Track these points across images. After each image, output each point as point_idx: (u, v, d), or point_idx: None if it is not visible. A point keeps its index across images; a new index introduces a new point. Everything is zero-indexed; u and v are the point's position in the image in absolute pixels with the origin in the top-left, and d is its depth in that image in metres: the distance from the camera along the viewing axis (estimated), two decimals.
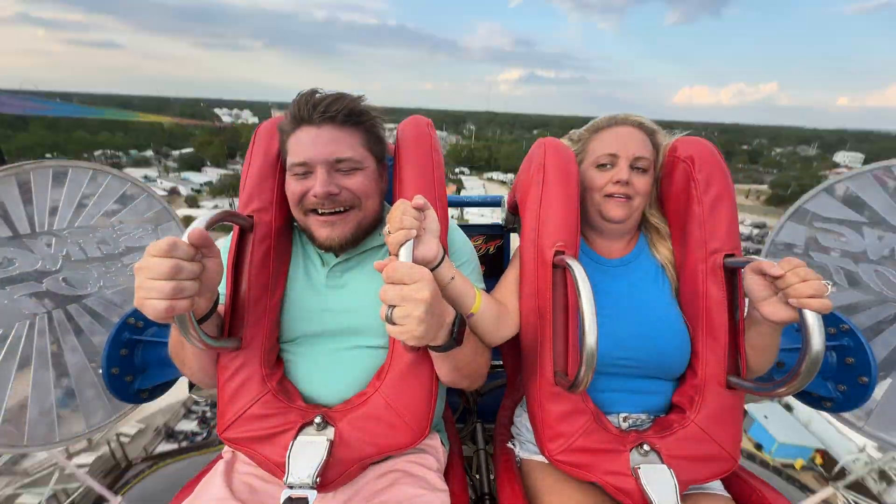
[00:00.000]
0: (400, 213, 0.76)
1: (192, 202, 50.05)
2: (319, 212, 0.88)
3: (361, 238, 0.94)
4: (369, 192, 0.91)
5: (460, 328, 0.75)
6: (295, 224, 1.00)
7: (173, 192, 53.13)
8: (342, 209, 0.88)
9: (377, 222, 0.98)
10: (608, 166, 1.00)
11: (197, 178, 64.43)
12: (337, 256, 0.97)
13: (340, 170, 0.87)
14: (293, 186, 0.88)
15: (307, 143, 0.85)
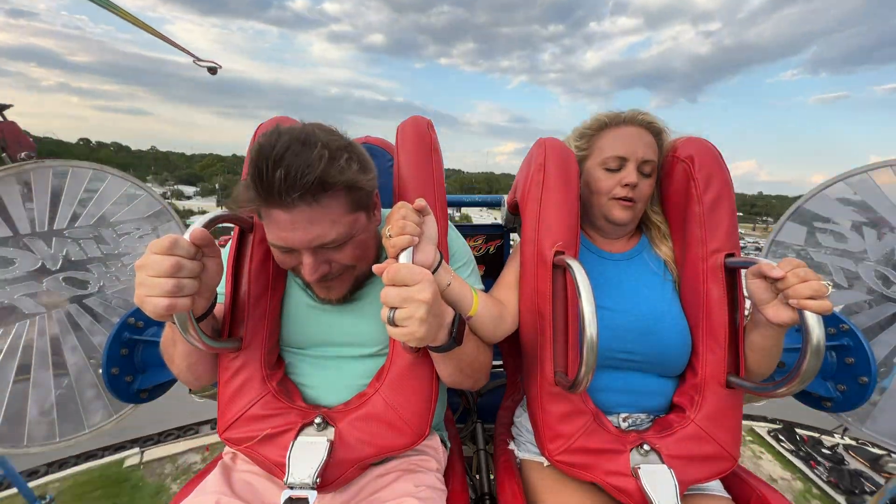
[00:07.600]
0: (401, 218, 0.75)
1: None
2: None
3: (362, 284, 0.91)
4: (363, 255, 0.85)
5: (459, 328, 0.75)
6: None
7: None
8: (337, 275, 0.83)
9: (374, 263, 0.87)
10: (616, 169, 1.00)
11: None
12: None
13: (327, 247, 0.76)
14: (280, 258, 0.80)
15: (284, 226, 0.72)
